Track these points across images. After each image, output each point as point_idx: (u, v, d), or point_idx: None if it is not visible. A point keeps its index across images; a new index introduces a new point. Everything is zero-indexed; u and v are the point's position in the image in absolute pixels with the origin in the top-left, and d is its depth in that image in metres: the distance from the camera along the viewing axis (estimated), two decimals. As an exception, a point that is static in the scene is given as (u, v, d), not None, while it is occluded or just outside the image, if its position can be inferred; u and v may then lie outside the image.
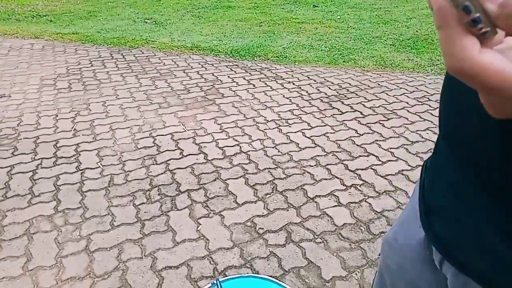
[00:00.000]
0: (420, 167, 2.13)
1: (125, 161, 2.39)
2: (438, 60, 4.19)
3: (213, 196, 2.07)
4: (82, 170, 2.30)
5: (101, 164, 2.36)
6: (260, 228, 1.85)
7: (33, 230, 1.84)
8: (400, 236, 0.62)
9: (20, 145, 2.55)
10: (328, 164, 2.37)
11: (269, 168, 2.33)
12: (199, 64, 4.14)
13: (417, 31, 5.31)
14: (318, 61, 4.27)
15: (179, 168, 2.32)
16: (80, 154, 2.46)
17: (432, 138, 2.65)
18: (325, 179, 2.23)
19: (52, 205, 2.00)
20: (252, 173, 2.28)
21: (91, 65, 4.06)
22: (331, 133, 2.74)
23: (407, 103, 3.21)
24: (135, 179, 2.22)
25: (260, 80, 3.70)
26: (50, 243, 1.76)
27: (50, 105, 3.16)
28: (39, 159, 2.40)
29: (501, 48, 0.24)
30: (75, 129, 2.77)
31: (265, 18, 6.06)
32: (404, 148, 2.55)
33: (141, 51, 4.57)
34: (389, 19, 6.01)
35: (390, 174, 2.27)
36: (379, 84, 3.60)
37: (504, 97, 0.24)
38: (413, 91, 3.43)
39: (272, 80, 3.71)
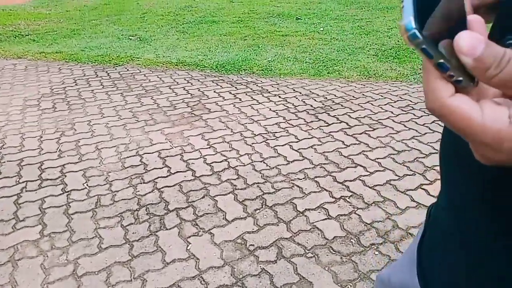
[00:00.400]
0: (407, 176, 2.12)
1: (112, 181, 2.36)
2: (420, 69, 4.28)
3: (202, 213, 2.06)
4: (68, 192, 2.26)
5: (87, 185, 2.32)
6: (251, 244, 1.84)
7: (17, 256, 1.79)
8: (394, 277, 0.62)
9: (3, 169, 2.50)
10: (316, 177, 2.38)
11: (258, 182, 2.33)
12: (185, 79, 4.15)
13: (398, 41, 5.42)
14: (303, 73, 4.31)
15: (167, 186, 2.30)
16: (65, 176, 2.42)
17: (418, 147, 2.69)
18: (314, 192, 2.23)
19: (37, 229, 1.95)
20: (241, 189, 2.27)
21: (76, 84, 4.03)
22: (318, 145, 2.76)
23: (392, 112, 3.26)
24: (122, 199, 2.19)
25: (246, 94, 3.72)
26: (36, 269, 1.72)
27: (34, 126, 3.11)
28: (23, 182, 2.36)
29: (499, 101, 0.25)
30: (60, 150, 2.73)
31: (249, 32, 6.12)
32: (391, 157, 2.58)
33: (126, 68, 4.55)
34: (371, 29, 6.13)
35: (378, 185, 2.29)
36: (363, 95, 3.65)
37: (474, 142, 0.25)
38: (397, 101, 3.48)
39: (258, 94, 3.73)
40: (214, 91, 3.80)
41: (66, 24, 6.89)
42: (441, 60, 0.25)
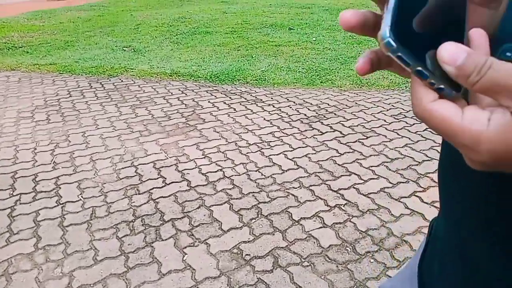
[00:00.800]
0: (401, 183, 2.13)
1: (107, 192, 2.36)
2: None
3: (198, 224, 2.06)
4: (62, 204, 2.25)
5: (82, 196, 2.32)
6: (247, 254, 1.84)
7: (11, 270, 1.77)
8: None
9: (-3, 181, 2.49)
10: (311, 185, 2.39)
11: (253, 192, 2.34)
12: (179, 90, 4.17)
13: (390, 50, 5.50)
14: (296, 82, 4.35)
15: (163, 197, 2.30)
16: (60, 188, 2.41)
17: (411, 155, 2.72)
18: (309, 200, 2.25)
19: (31, 242, 1.94)
20: (236, 198, 2.28)
21: (70, 96, 4.03)
22: (312, 153, 2.78)
23: (385, 120, 3.30)
24: (117, 211, 2.18)
25: (240, 104, 3.74)
26: (30, 282, 1.70)
27: (28, 138, 3.10)
28: (17, 194, 2.34)
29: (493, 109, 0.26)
30: (54, 161, 2.73)
31: (243, 42, 6.18)
32: (384, 165, 2.60)
33: (120, 79, 4.57)
34: (362, 39, 6.21)
35: (372, 192, 2.31)
36: (356, 103, 3.69)
37: (455, 143, 0.26)
38: (390, 109, 3.53)
39: (252, 103, 3.76)
40: (209, 101, 3.82)
41: (60, 36, 6.90)
42: (419, 68, 0.26)
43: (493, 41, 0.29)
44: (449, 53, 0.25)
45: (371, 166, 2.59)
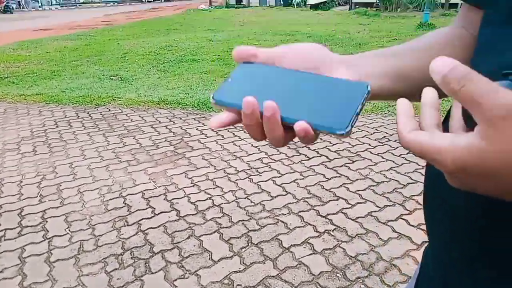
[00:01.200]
0: (388, 207, 2.18)
1: (94, 224, 2.33)
2: (394, 102, 4.46)
3: (188, 255, 2.05)
4: (49, 238, 2.21)
5: (69, 230, 2.29)
6: (238, 284, 1.84)
7: (-4, 309, 1.73)
8: None
9: (-19, 217, 2.44)
10: (300, 211, 2.41)
11: (243, 220, 2.34)
12: (167, 118, 4.20)
13: (372, 75, 5.67)
14: (282, 108, 4.43)
15: (152, 228, 2.29)
16: (47, 221, 2.38)
17: (396, 178, 2.78)
18: (299, 227, 2.26)
19: (17, 281, 1.90)
20: (226, 227, 2.28)
21: (57, 126, 4.02)
22: (300, 179, 2.81)
23: (369, 144, 3.37)
24: (106, 244, 2.16)
25: (228, 131, 3.78)
26: (15, 322, 1.66)
27: (13, 170, 3.07)
28: (2, 230, 2.30)
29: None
30: (41, 194, 2.70)
31: (229, 69, 6.29)
32: (371, 189, 2.65)
33: (107, 108, 4.58)
34: (345, 64, 6.39)
35: (360, 217, 2.34)
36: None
37: (430, 161, 0.31)
38: (374, 133, 3.61)
39: (240, 130, 3.80)
40: (197, 129, 3.85)
41: (46, 66, 6.92)
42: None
43: None
44: (438, 64, 0.29)
45: (358, 190, 2.63)
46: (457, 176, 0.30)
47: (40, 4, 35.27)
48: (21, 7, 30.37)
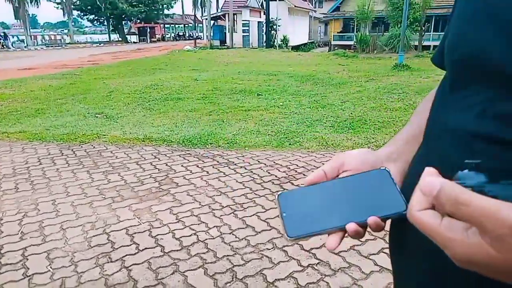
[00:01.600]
0: (369, 241, 2.25)
1: (77, 261, 2.30)
2: (373, 138, 4.65)
3: (173, 290, 2.03)
4: (29, 276, 2.17)
5: (51, 267, 2.25)
6: (223, 319, 1.83)
7: None
8: None
9: (-42, 255, 2.38)
10: (284, 246, 2.45)
11: (228, 255, 2.36)
12: (152, 155, 4.24)
13: (351, 113, 5.90)
14: (266, 145, 4.54)
15: (136, 264, 2.27)
16: (27, 259, 2.33)
17: (377, 212, 2.86)
18: (283, 261, 2.29)
19: (-5, 320, 1.84)
20: (211, 262, 2.28)
21: (40, 163, 4.00)
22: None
23: (351, 180, 3.47)
24: (88, 281, 2.13)
25: (213, 167, 3.84)
26: None
27: (-6, 208, 3.02)
28: (-20, 269, 2.24)
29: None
30: (22, 231, 2.65)
31: (214, 107, 6.44)
32: (353, 223, 2.71)
33: (92, 145, 4.60)
34: (326, 103, 6.64)
35: (343, 251, 2.38)
36: (323, 163, 3.85)
37: (438, 244, 0.32)
38: (355, 168, 3.72)
39: (224, 166, 3.86)
40: (182, 165, 3.90)
41: (30, 104, 6.94)
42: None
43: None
44: (425, 186, 0.32)
45: (341, 224, 2.69)
46: (462, 263, 0.32)
47: (25, 44, 35.60)
48: (6, 47, 30.56)
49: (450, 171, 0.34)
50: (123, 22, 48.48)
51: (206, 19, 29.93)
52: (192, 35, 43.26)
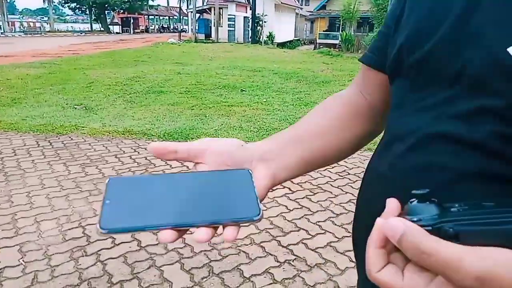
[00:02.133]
0: (346, 237, 2.30)
1: (51, 255, 2.26)
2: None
3: (148, 285, 2.02)
4: (0, 269, 2.12)
5: (23, 260, 2.20)
6: (198, 314, 1.83)
7: None
8: None
9: None
10: (262, 242, 2.46)
11: (205, 250, 2.36)
12: (132, 148, 4.18)
13: (333, 112, 5.96)
14: (248, 141, 4.54)
15: (111, 258, 2.25)
16: (-2, 252, 2.27)
17: (354, 210, 2.90)
18: (260, 257, 2.30)
19: (-38, 314, 1.79)
20: (188, 257, 2.28)
21: (15, 154, 3.89)
22: (263, 210, 2.87)
23: (330, 177, 3.52)
24: (62, 274, 2.09)
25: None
26: None
27: (-36, 199, 2.93)
28: None
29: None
30: (-7, 224, 2.58)
31: (197, 102, 6.40)
32: (331, 220, 2.75)
33: (70, 137, 4.50)
34: (309, 101, 6.69)
35: (320, 247, 2.42)
36: (304, 161, 3.91)
37: None
38: (334, 166, 3.78)
39: (205, 162, 3.84)
40: (162, 159, 3.85)
41: (6, 93, 6.73)
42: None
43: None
44: (388, 230, 0.30)
45: (318, 221, 2.73)
46: None
47: (2, 31, 34.38)
48: (-18, 33, 29.51)
49: (413, 172, 0.35)
50: (106, 11, 47.48)
51: (192, 12, 29.61)
52: (176, 27, 42.82)
